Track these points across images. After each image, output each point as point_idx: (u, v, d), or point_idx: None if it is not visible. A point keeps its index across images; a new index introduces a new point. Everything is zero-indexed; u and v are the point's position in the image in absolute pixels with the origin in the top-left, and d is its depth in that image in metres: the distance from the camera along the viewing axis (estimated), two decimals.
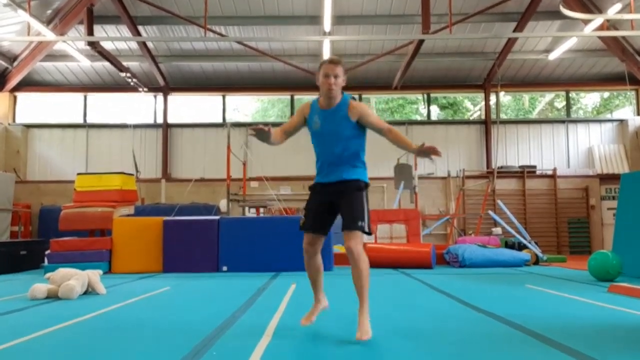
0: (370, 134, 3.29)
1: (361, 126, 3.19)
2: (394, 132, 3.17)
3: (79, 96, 14.38)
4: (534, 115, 14.93)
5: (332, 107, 3.17)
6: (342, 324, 3.46)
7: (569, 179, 13.59)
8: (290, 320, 3.72)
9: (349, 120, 3.13)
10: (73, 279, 5.16)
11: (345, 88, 3.19)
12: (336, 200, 3.19)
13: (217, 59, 13.27)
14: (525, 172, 13.46)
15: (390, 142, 3.24)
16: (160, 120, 14.17)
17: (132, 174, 9.76)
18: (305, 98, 14.71)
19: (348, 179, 3.17)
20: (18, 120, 14.18)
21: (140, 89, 13.59)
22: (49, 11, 11.38)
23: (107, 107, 14.45)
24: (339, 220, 3.28)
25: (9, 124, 13.87)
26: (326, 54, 11.68)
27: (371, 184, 3.31)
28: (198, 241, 8.14)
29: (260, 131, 3.02)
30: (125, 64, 12.76)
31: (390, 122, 14.17)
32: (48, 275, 5.30)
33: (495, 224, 12.04)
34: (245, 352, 2.74)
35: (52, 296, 5.09)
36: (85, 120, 14.31)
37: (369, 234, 3.16)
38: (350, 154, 3.18)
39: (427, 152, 2.99)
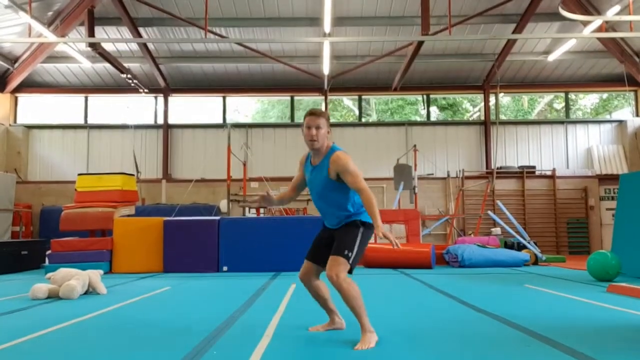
0: (369, 133, 3.31)
1: None
2: (365, 196, 2.96)
3: (79, 97, 14.41)
4: (533, 116, 14.96)
5: (318, 163, 3.14)
6: (348, 324, 3.47)
7: (568, 180, 13.61)
8: (290, 320, 3.74)
9: (328, 177, 3.07)
10: (74, 279, 5.18)
11: (345, 90, 3.20)
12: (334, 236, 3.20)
13: (218, 60, 13.30)
14: (525, 173, 13.48)
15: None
16: (160, 121, 14.19)
17: (132, 175, 9.78)
18: (305, 99, 14.73)
19: (343, 224, 3.16)
20: (19, 121, 14.20)
21: (141, 90, 13.61)
22: (50, 13, 11.41)
23: (108, 108, 14.47)
24: None
25: (10, 125, 13.90)
26: (326, 55, 11.71)
27: (371, 184, 3.27)
28: (198, 241, 8.16)
29: (263, 198, 3.21)
30: (126, 65, 12.78)
31: (390, 123, 14.32)
32: (49, 275, 5.31)
33: (495, 224, 12.06)
34: (246, 352, 2.76)
35: (53, 296, 5.12)
36: (86, 121, 14.33)
37: (350, 271, 3.04)
38: (340, 206, 3.13)
39: (387, 238, 2.93)
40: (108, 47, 12.13)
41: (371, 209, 2.93)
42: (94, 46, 10.99)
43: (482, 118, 14.26)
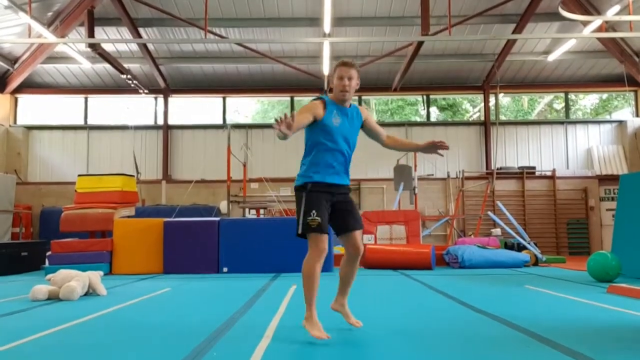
0: (367, 138, 3.35)
1: None
2: (393, 136, 3.37)
3: (79, 98, 14.41)
4: (533, 116, 14.96)
5: (348, 108, 3.24)
6: (341, 325, 3.46)
7: (568, 180, 13.61)
8: (290, 321, 3.73)
9: (360, 123, 3.27)
10: (74, 280, 5.16)
11: None
12: (338, 204, 3.19)
13: (218, 60, 13.30)
14: (525, 173, 13.47)
15: (389, 147, 3.36)
16: (160, 122, 14.20)
17: (132, 176, 9.77)
18: (305, 99, 14.72)
19: (348, 184, 3.28)
20: (19, 122, 14.20)
21: (141, 91, 13.61)
22: (50, 13, 11.41)
23: (107, 109, 14.48)
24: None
25: (10, 126, 13.90)
26: (326, 56, 11.71)
27: (371, 185, 3.43)
28: (198, 242, 8.15)
29: (288, 122, 2.74)
30: (125, 65, 12.78)
31: (390, 124, 14.35)
32: (49, 276, 5.29)
33: (495, 224, 12.05)
34: (246, 353, 2.75)
35: (53, 297, 5.10)
36: (86, 122, 14.33)
37: None
38: (351, 156, 3.28)
39: (434, 147, 3.20)
40: (108, 47, 12.13)
41: (403, 139, 3.58)
42: (94, 47, 11.00)
43: (482, 118, 14.25)
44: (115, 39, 12.12)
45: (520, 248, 9.87)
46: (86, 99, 14.41)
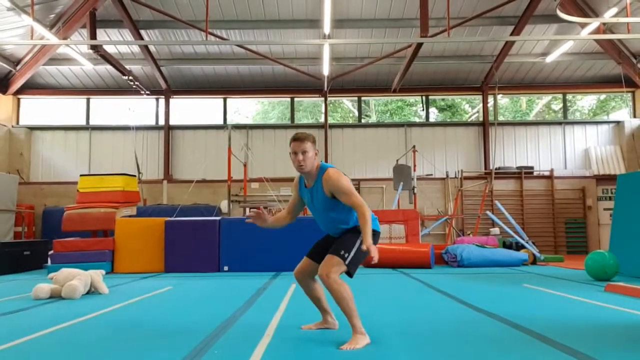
0: (369, 134, 3.37)
1: None
2: (360, 212, 2.93)
3: (81, 99, 14.47)
4: (531, 117, 15.01)
5: (312, 185, 3.14)
6: (342, 325, 3.50)
7: (566, 180, 13.66)
8: (290, 320, 3.78)
9: (326, 196, 3.06)
10: (76, 279, 5.21)
11: (345, 91, 3.22)
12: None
13: (218, 62, 13.36)
14: (523, 173, 13.53)
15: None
16: (162, 123, 14.25)
17: (134, 176, 9.83)
18: (305, 101, 14.79)
19: (343, 228, 3.17)
20: (22, 123, 14.26)
21: (142, 92, 13.67)
22: (52, 15, 11.47)
23: (109, 109, 14.53)
24: None
25: (12, 127, 13.96)
26: (326, 57, 11.76)
27: (370, 185, 3.32)
28: (199, 241, 8.21)
29: (258, 216, 3.23)
30: (127, 67, 12.85)
31: (389, 125, 14.33)
32: (51, 275, 5.35)
33: (493, 224, 12.11)
34: (246, 352, 2.79)
35: (55, 296, 5.15)
36: (88, 122, 14.39)
37: (349, 273, 3.03)
38: (342, 222, 3.14)
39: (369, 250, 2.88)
40: (110, 49, 12.19)
41: (364, 225, 2.90)
42: (96, 48, 11.06)
43: (481, 119, 14.31)
44: (117, 41, 12.17)
45: (518, 247, 9.92)
46: (88, 99, 14.47)
